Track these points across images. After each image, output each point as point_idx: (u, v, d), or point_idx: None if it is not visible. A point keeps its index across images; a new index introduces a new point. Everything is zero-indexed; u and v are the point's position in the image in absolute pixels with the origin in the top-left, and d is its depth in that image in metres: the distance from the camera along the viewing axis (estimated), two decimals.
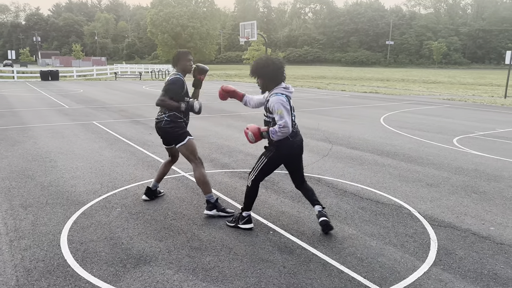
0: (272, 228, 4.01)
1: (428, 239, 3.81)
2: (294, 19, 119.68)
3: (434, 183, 5.61)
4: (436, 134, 9.56)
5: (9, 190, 5.05)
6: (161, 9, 75.23)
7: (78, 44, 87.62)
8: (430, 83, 33.95)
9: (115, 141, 8.20)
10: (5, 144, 7.72)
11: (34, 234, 3.78)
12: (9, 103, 15.13)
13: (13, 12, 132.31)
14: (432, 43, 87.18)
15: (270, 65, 3.71)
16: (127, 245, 3.59)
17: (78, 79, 34.98)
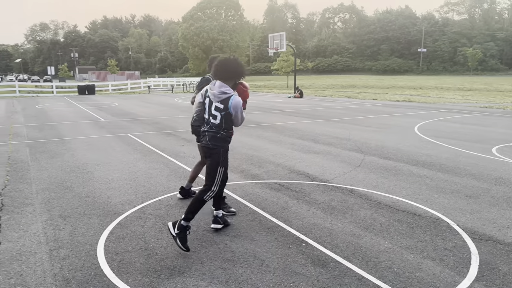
0: (304, 240, 3.96)
1: (469, 253, 3.66)
2: (323, 29, 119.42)
3: (474, 195, 5.39)
4: (474, 143, 9.23)
5: (49, 200, 5.24)
6: (192, 23, 77.03)
7: (113, 59, 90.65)
8: (465, 91, 32.92)
9: (149, 152, 8.38)
10: (45, 156, 8.03)
11: (72, 244, 3.89)
12: (49, 117, 15.78)
13: (52, 30, 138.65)
14: (466, 49, 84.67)
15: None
16: (161, 255, 3.64)
17: (113, 93, 36.13)
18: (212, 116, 3.80)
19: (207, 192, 3.81)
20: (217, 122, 3.78)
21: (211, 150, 3.84)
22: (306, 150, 8.60)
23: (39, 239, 4.01)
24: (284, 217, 4.58)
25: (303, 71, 76.85)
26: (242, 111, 3.83)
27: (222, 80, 3.78)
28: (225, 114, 3.75)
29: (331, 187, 5.81)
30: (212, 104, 3.78)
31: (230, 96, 3.73)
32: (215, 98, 3.76)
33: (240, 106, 3.76)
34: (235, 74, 3.84)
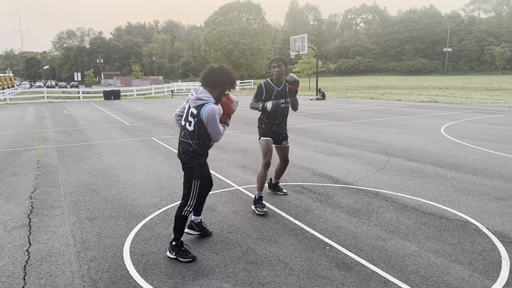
0: (328, 243, 3.92)
1: (499, 257, 3.54)
2: (346, 30, 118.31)
3: (503, 197, 5.23)
4: (503, 144, 8.95)
5: (77, 203, 5.37)
6: (214, 27, 77.70)
7: (137, 65, 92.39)
8: (493, 90, 31.98)
9: (173, 156, 8.49)
10: (72, 160, 8.25)
11: (99, 245, 3.98)
12: (76, 121, 16.20)
13: (78, 37, 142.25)
14: (494, 48, 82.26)
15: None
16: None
17: (138, 97, 36.80)
18: (188, 122, 3.59)
19: (184, 208, 3.63)
20: (191, 129, 3.56)
21: (185, 164, 3.67)
22: (329, 152, 8.53)
23: (67, 241, 4.11)
24: (308, 220, 4.55)
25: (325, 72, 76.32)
26: (217, 123, 3.52)
27: (207, 87, 3.59)
28: (197, 121, 3.50)
29: (355, 189, 5.74)
30: (190, 109, 3.59)
31: (205, 103, 3.50)
32: (192, 102, 3.56)
33: (213, 115, 3.46)
34: (218, 83, 3.56)
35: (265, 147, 4.95)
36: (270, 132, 5.05)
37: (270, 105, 4.77)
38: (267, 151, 4.93)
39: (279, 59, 4.92)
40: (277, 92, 4.94)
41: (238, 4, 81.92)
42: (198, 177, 3.67)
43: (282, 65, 4.87)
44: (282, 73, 4.90)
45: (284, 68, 4.90)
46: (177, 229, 3.66)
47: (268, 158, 4.90)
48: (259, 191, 4.89)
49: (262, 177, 4.89)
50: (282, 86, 4.97)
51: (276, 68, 4.88)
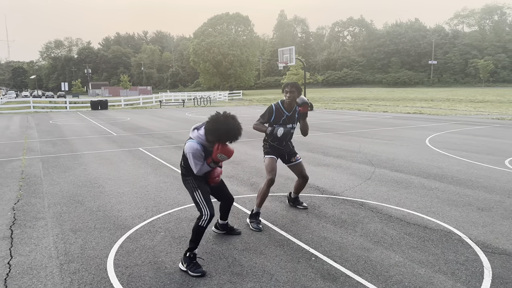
0: (314, 254, 3.93)
1: (482, 267, 3.59)
2: (333, 43, 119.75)
3: (486, 207, 5.31)
4: (486, 155, 9.11)
5: (60, 215, 5.30)
6: (203, 39, 77.93)
7: (125, 75, 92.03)
8: (477, 102, 32.61)
9: (160, 166, 8.44)
10: (57, 171, 8.14)
11: (82, 258, 3.92)
12: (62, 131, 16.03)
13: (66, 46, 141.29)
14: (478, 61, 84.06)
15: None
16: (170, 269, 3.64)
17: (125, 107, 36.60)
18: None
19: (201, 218, 3.65)
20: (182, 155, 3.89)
21: (183, 179, 3.93)
22: (316, 163, 8.57)
23: (50, 253, 4.05)
24: (294, 231, 4.56)
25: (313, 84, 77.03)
26: (191, 160, 3.66)
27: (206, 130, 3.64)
28: (183, 153, 3.80)
29: (341, 200, 5.78)
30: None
31: (188, 139, 3.73)
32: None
33: (191, 152, 3.62)
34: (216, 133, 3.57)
35: (269, 164, 4.90)
36: (273, 150, 5.01)
37: (281, 132, 4.71)
38: (271, 169, 4.87)
39: (293, 84, 4.87)
40: (286, 117, 4.90)
41: (227, 16, 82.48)
42: (195, 187, 3.77)
43: (295, 91, 4.81)
44: (294, 99, 4.81)
45: (296, 95, 4.82)
46: (193, 240, 3.65)
47: (272, 176, 4.83)
48: (257, 206, 4.81)
49: (263, 194, 4.81)
50: (292, 111, 4.91)
51: (288, 94, 4.83)
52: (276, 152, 5.00)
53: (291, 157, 5.12)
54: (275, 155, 4.98)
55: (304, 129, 4.98)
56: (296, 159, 5.13)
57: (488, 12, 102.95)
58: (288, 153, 5.10)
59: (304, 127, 4.97)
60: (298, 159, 5.14)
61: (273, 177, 4.82)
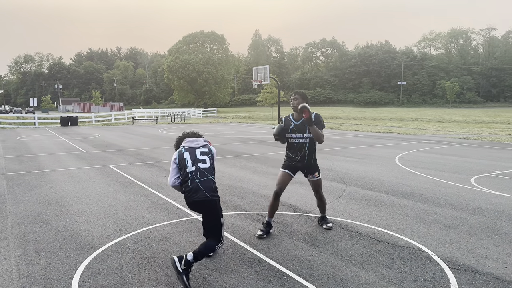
0: (285, 273, 3.91)
1: (448, 283, 3.66)
2: (306, 63, 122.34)
3: (453, 225, 5.45)
4: (453, 173, 9.40)
5: (24, 235, 5.09)
6: (178, 56, 77.98)
7: (97, 91, 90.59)
8: (444, 122, 33.77)
9: (130, 184, 8.27)
10: (22, 189, 7.85)
11: (46, 279, 3.76)
12: (29, 148, 15.52)
13: (37, 61, 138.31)
14: (445, 82, 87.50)
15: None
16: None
17: (96, 124, 35.90)
18: (201, 162, 3.92)
19: (218, 244, 3.93)
20: (208, 166, 3.93)
21: (211, 202, 3.87)
22: (292, 181, 8.59)
23: (11, 275, 3.86)
24: (265, 249, 4.53)
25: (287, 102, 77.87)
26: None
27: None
28: (211, 156, 4.01)
29: (313, 217, 5.80)
30: (196, 152, 3.96)
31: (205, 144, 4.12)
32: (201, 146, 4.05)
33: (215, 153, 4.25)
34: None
35: (280, 177, 5.08)
36: (290, 165, 5.08)
37: (275, 128, 4.97)
38: (280, 181, 5.03)
39: (296, 92, 4.93)
40: (295, 126, 4.93)
41: (202, 34, 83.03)
42: (221, 213, 3.99)
43: (298, 98, 4.85)
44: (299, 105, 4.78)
45: (301, 101, 4.81)
46: (203, 254, 3.70)
47: (278, 188, 4.95)
48: (268, 217, 5.06)
49: (272, 206, 5.01)
50: (301, 121, 4.89)
51: (292, 101, 4.90)
52: (291, 167, 5.06)
53: (308, 174, 5.15)
54: (290, 170, 5.06)
55: (315, 136, 4.84)
56: (313, 176, 5.14)
57: (454, 36, 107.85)
58: (306, 169, 5.10)
59: (314, 135, 4.83)
60: (315, 177, 5.14)
61: (279, 190, 4.96)
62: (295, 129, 4.93)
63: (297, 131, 4.92)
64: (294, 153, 5.03)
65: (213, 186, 3.89)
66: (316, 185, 5.17)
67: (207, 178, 3.84)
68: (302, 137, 4.93)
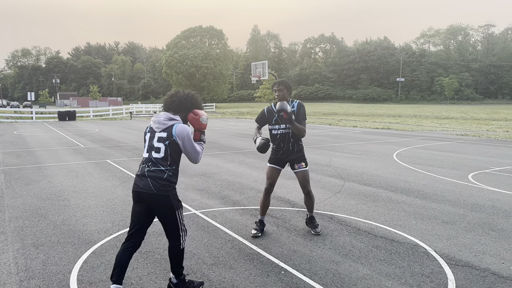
0: (283, 267, 3.92)
1: (446, 279, 3.68)
2: (305, 58, 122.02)
3: (450, 221, 5.47)
4: (451, 170, 9.42)
5: (22, 229, 5.08)
6: (176, 51, 77.70)
7: (95, 85, 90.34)
8: (442, 119, 33.82)
9: (128, 179, 8.27)
10: (20, 183, 7.84)
11: (44, 274, 3.76)
12: (26, 143, 15.49)
13: (34, 55, 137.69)
14: (443, 79, 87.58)
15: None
16: (136, 285, 3.54)
17: (94, 119, 35.81)
18: (155, 150, 3.14)
19: (179, 241, 3.30)
20: (161, 155, 3.12)
21: (156, 198, 3.12)
22: (287, 176, 8.61)
23: (9, 269, 3.86)
24: (264, 244, 4.54)
25: None
26: (192, 142, 3.18)
27: (170, 111, 3.28)
28: (169, 143, 3.11)
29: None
30: (154, 136, 3.17)
31: (174, 124, 3.16)
32: (159, 125, 3.18)
33: (187, 133, 3.13)
34: (183, 105, 3.27)
35: (268, 172, 4.88)
36: (276, 158, 4.82)
37: (258, 143, 4.65)
38: (268, 176, 4.84)
39: (280, 82, 4.61)
40: (278, 116, 4.62)
41: (201, 29, 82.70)
42: (178, 205, 3.26)
43: (283, 89, 4.54)
44: (284, 97, 4.55)
45: (286, 92, 4.55)
46: (180, 264, 3.33)
47: (268, 184, 4.78)
48: (260, 215, 4.92)
49: (262, 203, 4.86)
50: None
51: (276, 92, 4.57)
52: (277, 160, 4.80)
53: (294, 164, 4.79)
54: (277, 164, 4.81)
55: (296, 132, 4.63)
56: (299, 166, 4.77)
57: (453, 32, 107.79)
58: (292, 160, 4.77)
59: (294, 130, 4.61)
60: (301, 167, 4.77)
61: (270, 186, 4.78)
62: (279, 120, 4.67)
63: (281, 121, 4.65)
64: (278, 144, 4.75)
65: (163, 178, 3.11)
66: (304, 178, 4.78)
67: (156, 169, 3.12)
68: (285, 127, 4.66)
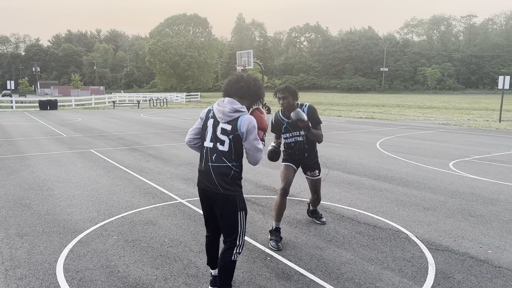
0: (269, 254, 3.99)
1: (426, 263, 3.80)
2: (290, 48, 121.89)
3: (431, 207, 5.62)
4: (432, 158, 9.62)
5: (5, 219, 5.03)
6: (159, 39, 76.63)
7: (77, 74, 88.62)
8: (425, 108, 34.33)
9: (112, 168, 8.22)
10: (2, 174, 7.72)
11: (29, 263, 3.75)
12: (7, 132, 15.18)
13: (13, 43, 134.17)
14: (426, 69, 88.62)
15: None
16: (123, 273, 3.56)
17: (76, 108, 35.23)
18: (219, 142, 2.82)
19: (233, 250, 2.88)
20: (226, 149, 2.80)
21: (221, 195, 2.82)
22: (273, 165, 8.68)
23: None
24: (250, 232, 4.60)
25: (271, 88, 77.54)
26: (256, 138, 2.82)
27: (235, 97, 2.88)
28: (233, 137, 2.78)
29: (297, 201, 5.90)
30: (218, 126, 2.83)
31: (241, 114, 2.80)
32: (225, 116, 2.80)
33: (254, 125, 2.78)
34: (251, 91, 2.90)
35: (282, 172, 4.46)
36: (290, 158, 4.54)
37: (268, 151, 4.38)
38: (284, 177, 4.39)
39: (284, 89, 4.21)
40: (287, 124, 4.35)
41: (185, 17, 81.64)
42: (243, 206, 2.91)
43: (287, 96, 4.18)
44: (290, 105, 4.22)
45: (291, 99, 4.20)
46: (228, 280, 2.89)
47: (285, 184, 4.33)
48: (275, 221, 4.31)
49: (278, 206, 4.28)
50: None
51: (280, 101, 4.22)
52: (293, 160, 4.53)
53: (307, 171, 4.63)
54: (293, 163, 4.52)
55: (313, 139, 4.35)
56: (312, 174, 4.62)
57: (436, 22, 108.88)
58: (307, 165, 4.61)
59: (312, 137, 4.30)
60: (314, 175, 4.62)
61: (286, 186, 4.33)
62: (289, 128, 4.37)
63: (292, 129, 4.37)
64: (293, 152, 4.52)
65: (230, 175, 2.82)
66: (315, 184, 4.66)
67: (222, 165, 2.81)
68: (298, 135, 4.39)
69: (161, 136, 14.00)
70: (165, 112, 29.60)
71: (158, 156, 9.74)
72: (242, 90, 2.87)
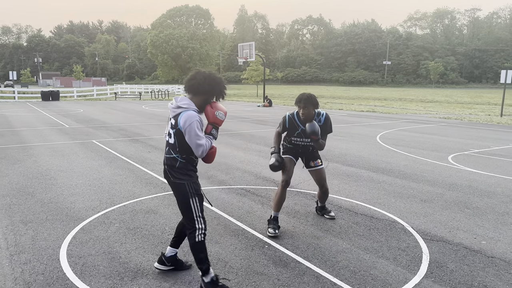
0: (267, 242, 4.08)
1: (420, 252, 3.89)
2: (292, 40, 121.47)
3: (428, 199, 5.70)
4: (431, 151, 9.69)
5: (10, 206, 5.13)
6: (161, 30, 76.51)
7: (79, 65, 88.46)
8: (427, 102, 34.29)
9: (114, 159, 8.31)
10: (5, 163, 7.82)
11: (34, 248, 3.86)
12: (10, 122, 15.29)
13: (15, 33, 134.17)
14: (429, 63, 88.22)
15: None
16: (124, 259, 3.66)
17: (78, 99, 35.31)
18: (169, 135, 3.08)
19: (195, 233, 3.06)
20: (172, 142, 3.04)
21: (173, 184, 3.09)
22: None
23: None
24: (249, 221, 4.69)
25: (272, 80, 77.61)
26: (195, 133, 2.91)
27: (189, 94, 3.05)
28: (176, 131, 2.98)
29: (296, 192, 5.98)
30: (170, 120, 3.08)
31: (182, 111, 2.96)
32: (171, 112, 3.04)
33: (190, 123, 2.89)
34: (201, 88, 2.99)
35: (286, 165, 4.49)
36: (290, 151, 4.61)
37: (271, 161, 4.38)
38: (286, 169, 4.45)
39: (307, 99, 4.26)
40: (302, 131, 4.44)
41: (187, 8, 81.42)
42: (193, 193, 3.07)
43: (309, 107, 4.27)
44: (310, 115, 4.31)
45: (312, 109, 4.29)
46: (199, 260, 3.08)
47: (286, 176, 4.39)
48: (274, 211, 4.40)
49: (278, 196, 4.36)
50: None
51: (302, 110, 4.31)
52: (293, 153, 4.60)
53: (310, 161, 4.65)
54: (293, 155, 4.59)
55: (316, 147, 4.46)
56: (315, 164, 4.64)
57: (439, 16, 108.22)
58: (306, 156, 4.66)
59: (317, 146, 4.42)
60: (317, 164, 4.64)
61: (288, 178, 4.40)
62: (302, 134, 4.46)
63: (304, 136, 4.46)
64: (295, 148, 4.62)
65: (176, 166, 3.04)
66: (321, 176, 4.65)
67: (170, 156, 3.07)
68: (308, 141, 4.51)
69: (162, 127, 14.08)
70: (166, 104, 29.64)
71: (159, 147, 9.83)
72: (193, 87, 3.02)
